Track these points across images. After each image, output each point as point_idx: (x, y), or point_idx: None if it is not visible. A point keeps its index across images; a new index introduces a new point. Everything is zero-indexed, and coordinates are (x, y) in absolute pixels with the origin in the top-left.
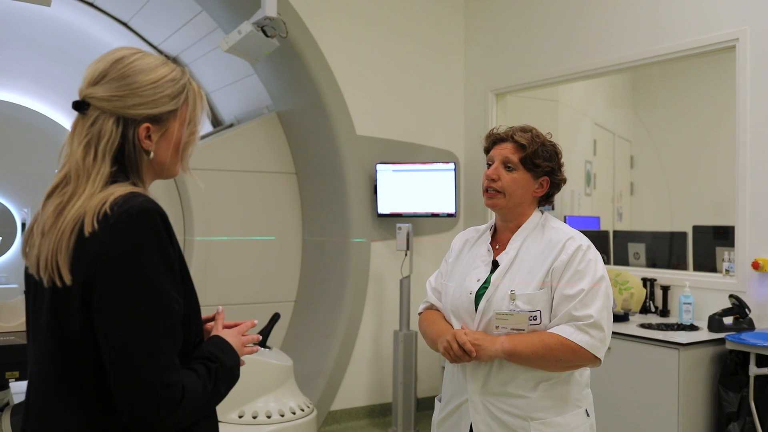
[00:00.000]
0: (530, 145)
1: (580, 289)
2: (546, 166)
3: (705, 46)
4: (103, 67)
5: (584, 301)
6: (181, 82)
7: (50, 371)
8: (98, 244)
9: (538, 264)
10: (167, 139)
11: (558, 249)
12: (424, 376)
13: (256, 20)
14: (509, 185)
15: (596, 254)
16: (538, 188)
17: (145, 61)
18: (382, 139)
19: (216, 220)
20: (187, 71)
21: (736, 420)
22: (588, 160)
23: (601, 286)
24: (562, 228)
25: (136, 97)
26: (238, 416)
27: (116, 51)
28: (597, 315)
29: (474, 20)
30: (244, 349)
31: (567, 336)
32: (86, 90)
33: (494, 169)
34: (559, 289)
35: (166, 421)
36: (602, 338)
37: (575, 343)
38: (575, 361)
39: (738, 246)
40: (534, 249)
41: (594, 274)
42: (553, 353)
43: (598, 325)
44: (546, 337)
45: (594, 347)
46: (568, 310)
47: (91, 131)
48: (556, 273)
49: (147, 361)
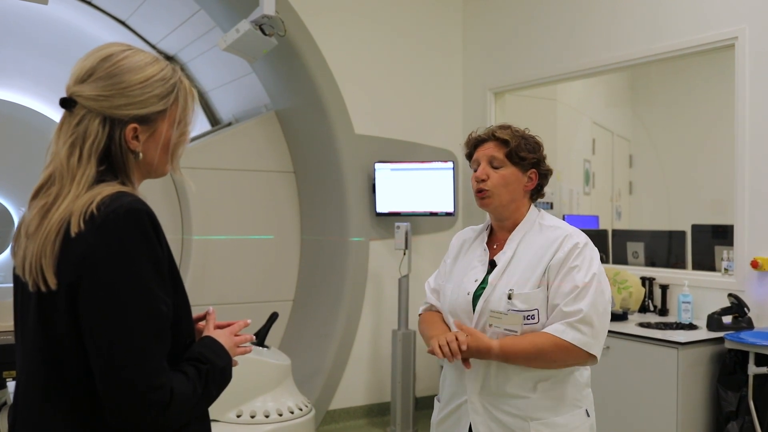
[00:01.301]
0: (512, 140)
1: (574, 285)
2: (531, 158)
3: (704, 45)
4: (90, 65)
5: (576, 297)
6: (171, 81)
7: (38, 373)
8: (85, 244)
9: (534, 262)
10: (155, 139)
11: (555, 247)
12: (423, 376)
13: (254, 19)
14: (499, 182)
15: (593, 250)
16: (528, 182)
17: (135, 59)
18: (380, 137)
19: (214, 219)
20: (179, 69)
21: (735, 419)
22: (587, 159)
23: (593, 281)
24: (559, 225)
25: (123, 97)
26: (236, 415)
27: (105, 47)
28: (587, 309)
29: (472, 19)
30: (237, 349)
31: (558, 334)
32: (73, 87)
33: (482, 169)
34: (554, 287)
35: (155, 424)
36: (594, 334)
37: (566, 341)
38: (569, 360)
39: (737, 245)
40: (531, 248)
41: (588, 270)
42: (545, 355)
43: (587, 320)
44: (537, 339)
45: (586, 344)
46: (560, 308)
47: (77, 131)
48: (552, 271)
49: (134, 364)
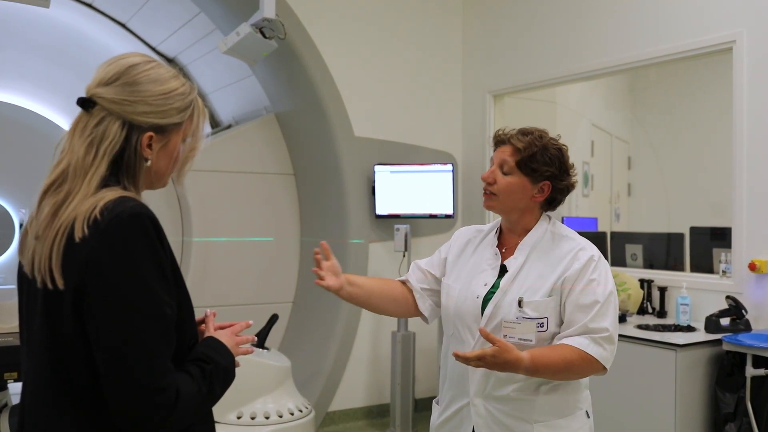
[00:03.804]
0: (527, 149)
1: (595, 300)
2: (545, 171)
3: (702, 48)
4: (116, 70)
5: (599, 314)
6: (190, 97)
7: (45, 375)
8: (89, 249)
9: (547, 271)
10: (167, 150)
11: (570, 258)
12: (422, 377)
13: (254, 22)
14: (503, 188)
15: (606, 265)
16: (538, 193)
17: (158, 71)
18: (380, 140)
19: (214, 221)
20: (195, 87)
21: (733, 420)
22: (585, 161)
23: (611, 298)
24: (573, 237)
25: (146, 105)
26: (237, 417)
27: (130, 56)
28: (612, 329)
29: (472, 22)
30: (239, 349)
31: (583, 348)
32: (95, 89)
33: (490, 171)
34: (572, 299)
35: (162, 425)
36: (613, 351)
37: (591, 355)
38: (589, 371)
39: (735, 247)
40: (544, 256)
41: (606, 286)
42: (573, 368)
43: (611, 339)
44: (566, 352)
45: (606, 360)
46: (584, 323)
47: (96, 131)
48: (568, 282)
49: (140, 365)
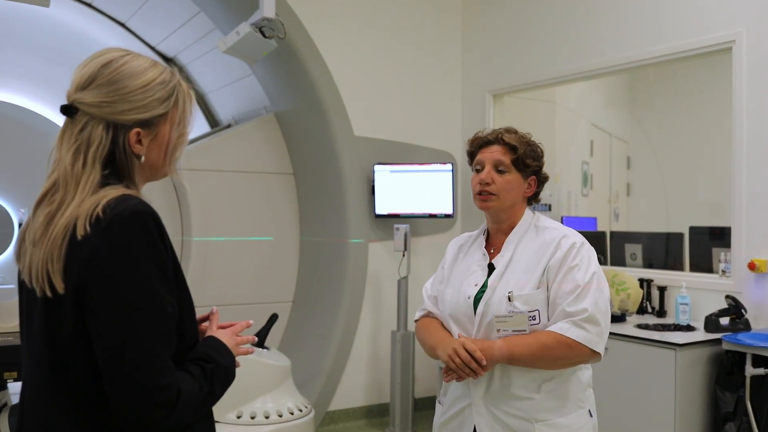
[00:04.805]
0: (520, 146)
1: (575, 285)
2: (534, 166)
3: (701, 48)
4: (91, 71)
5: (579, 296)
6: (171, 84)
7: (45, 376)
8: (90, 247)
9: (533, 264)
10: (158, 142)
11: (553, 248)
12: (422, 377)
13: (254, 21)
14: (503, 188)
15: (590, 250)
16: (528, 188)
17: (134, 63)
18: (379, 139)
19: (213, 220)
20: (177, 72)
21: (733, 420)
22: (585, 161)
23: (593, 280)
24: (555, 227)
25: (126, 102)
26: (236, 416)
27: (104, 53)
28: (591, 308)
29: (471, 21)
30: (239, 349)
31: (563, 332)
32: (74, 95)
33: (487, 172)
34: (555, 287)
35: (163, 424)
36: (599, 332)
37: (572, 339)
38: (574, 357)
39: (734, 247)
40: (529, 249)
41: (587, 269)
42: (551, 352)
43: (593, 318)
44: (542, 336)
45: (591, 341)
46: (563, 308)
47: (81, 137)
48: (552, 271)
49: (140, 364)
